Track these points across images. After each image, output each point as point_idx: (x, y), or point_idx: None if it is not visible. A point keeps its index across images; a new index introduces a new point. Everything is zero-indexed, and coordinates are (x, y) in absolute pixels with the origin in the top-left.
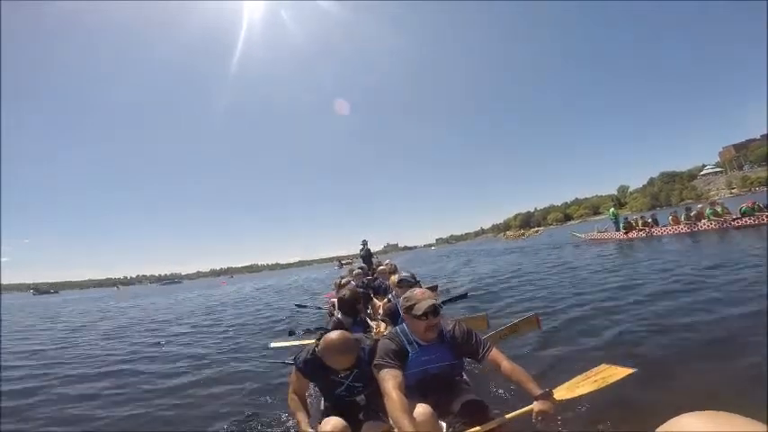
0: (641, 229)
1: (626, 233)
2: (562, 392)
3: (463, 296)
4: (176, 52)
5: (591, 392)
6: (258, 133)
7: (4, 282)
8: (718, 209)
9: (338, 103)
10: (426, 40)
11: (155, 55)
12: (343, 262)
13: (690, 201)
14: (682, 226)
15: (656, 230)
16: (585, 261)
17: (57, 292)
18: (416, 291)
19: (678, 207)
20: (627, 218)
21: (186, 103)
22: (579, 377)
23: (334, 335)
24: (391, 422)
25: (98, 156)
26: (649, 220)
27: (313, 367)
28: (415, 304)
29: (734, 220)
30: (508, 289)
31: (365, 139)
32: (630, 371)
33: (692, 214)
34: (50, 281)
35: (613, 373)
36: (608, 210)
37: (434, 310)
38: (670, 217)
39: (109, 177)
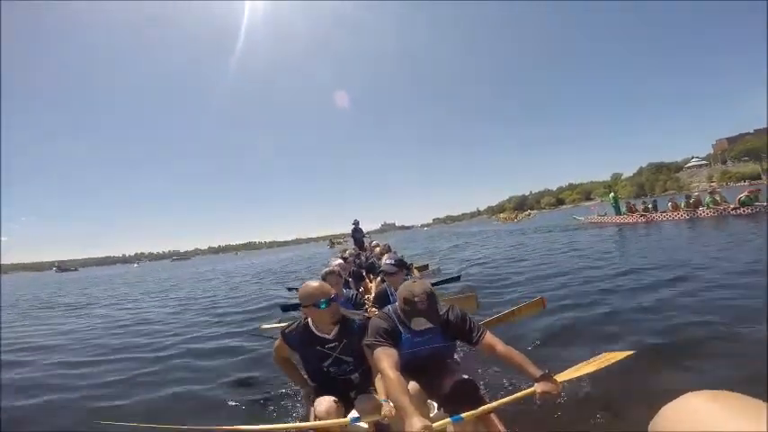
0: (642, 214)
1: (626, 217)
2: (562, 376)
3: (455, 278)
4: (179, 47)
5: (591, 373)
6: (257, 114)
7: (7, 261)
8: (717, 197)
9: (338, 95)
10: (424, 23)
11: (159, 53)
12: (335, 242)
13: (672, 192)
14: (681, 212)
15: (656, 216)
16: (585, 244)
17: (77, 269)
18: (417, 288)
19: (659, 197)
20: (629, 202)
21: (186, 91)
22: (580, 364)
23: None
24: (385, 400)
25: (93, 140)
26: (650, 206)
27: (300, 338)
28: (412, 309)
29: (732, 209)
30: (505, 273)
31: (364, 120)
32: (629, 353)
33: (690, 201)
34: (50, 259)
35: (613, 357)
36: (607, 195)
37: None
38: (669, 203)
39: (102, 160)
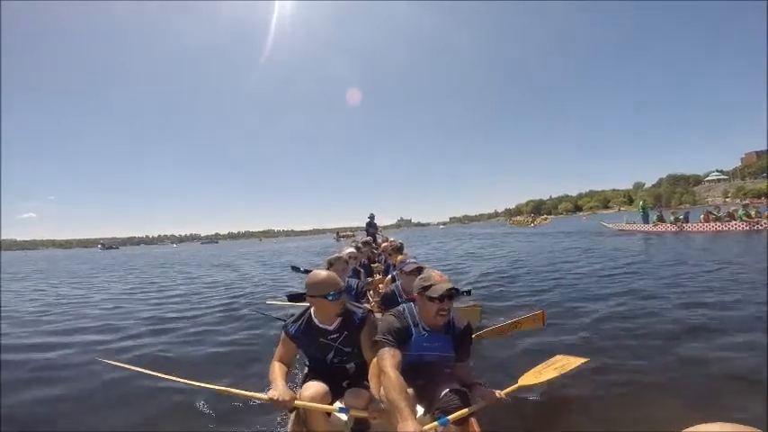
0: (673, 224)
1: (655, 226)
2: (528, 378)
3: (466, 293)
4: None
5: (552, 378)
6: (278, 107)
7: (36, 237)
8: (752, 211)
9: (350, 92)
10: (445, 21)
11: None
12: (341, 234)
13: (687, 205)
14: (714, 225)
15: (687, 227)
16: (613, 251)
17: (117, 247)
18: (434, 273)
19: (676, 210)
20: (661, 212)
21: (213, 85)
22: (540, 366)
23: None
24: (382, 399)
25: (120, 126)
26: (681, 216)
27: (304, 329)
28: (432, 285)
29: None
30: (515, 283)
31: (384, 115)
32: (583, 360)
33: (721, 214)
34: (77, 238)
35: (569, 362)
36: (626, 204)
37: (451, 295)
38: (702, 216)
39: (127, 143)
